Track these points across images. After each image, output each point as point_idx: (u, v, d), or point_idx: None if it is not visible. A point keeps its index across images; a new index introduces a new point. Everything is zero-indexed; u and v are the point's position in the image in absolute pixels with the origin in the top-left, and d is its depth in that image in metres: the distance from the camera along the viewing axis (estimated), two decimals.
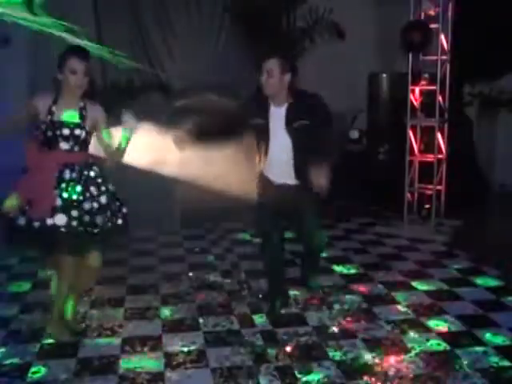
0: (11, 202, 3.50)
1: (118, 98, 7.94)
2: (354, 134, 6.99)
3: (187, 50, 8.28)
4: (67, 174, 3.57)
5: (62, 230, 3.47)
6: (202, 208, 6.61)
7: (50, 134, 3.55)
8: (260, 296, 4.58)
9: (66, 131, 3.56)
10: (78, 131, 3.59)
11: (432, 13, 6.38)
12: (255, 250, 5.78)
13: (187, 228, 6.56)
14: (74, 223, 3.50)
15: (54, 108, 3.60)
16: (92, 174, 3.65)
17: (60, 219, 3.47)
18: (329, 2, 7.73)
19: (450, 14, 6.38)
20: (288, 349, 3.74)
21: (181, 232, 6.47)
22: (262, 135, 3.99)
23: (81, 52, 3.62)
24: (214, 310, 4.37)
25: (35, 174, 3.55)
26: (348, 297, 4.61)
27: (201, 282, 4.99)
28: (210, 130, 4.04)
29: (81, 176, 3.59)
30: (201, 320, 4.19)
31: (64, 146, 3.58)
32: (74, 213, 3.51)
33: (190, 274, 5.16)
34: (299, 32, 8.49)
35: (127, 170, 4.11)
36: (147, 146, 7.57)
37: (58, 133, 3.56)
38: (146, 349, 3.76)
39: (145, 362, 3.58)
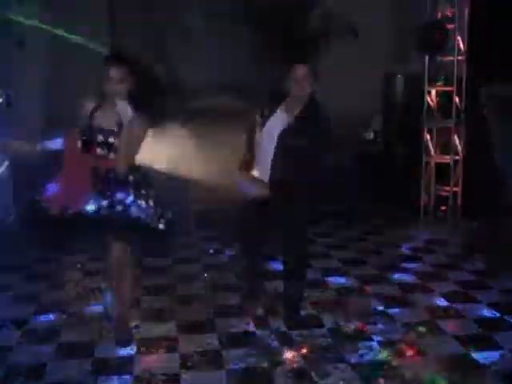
0: None
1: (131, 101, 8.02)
2: (370, 135, 7.01)
3: (202, 52, 8.32)
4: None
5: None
6: (217, 209, 6.68)
7: (88, 138, 3.62)
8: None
9: (100, 137, 3.63)
10: (111, 139, 3.63)
11: (448, 13, 6.38)
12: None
13: (202, 229, 6.58)
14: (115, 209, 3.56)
15: (95, 113, 3.66)
16: (130, 178, 3.66)
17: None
18: (343, 3, 7.73)
19: (466, 14, 6.38)
20: (303, 351, 3.76)
21: (196, 233, 6.49)
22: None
23: (116, 59, 3.67)
24: (230, 312, 4.39)
25: (72, 170, 3.63)
26: (363, 299, 4.62)
27: (215, 283, 5.02)
28: None
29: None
30: (216, 321, 4.22)
31: (99, 151, 3.64)
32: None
33: (205, 275, 5.19)
34: (314, 33, 8.51)
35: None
36: (163, 148, 7.68)
37: (94, 138, 3.62)
38: (161, 350, 3.79)
39: (160, 363, 3.61)
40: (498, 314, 4.34)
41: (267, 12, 7.88)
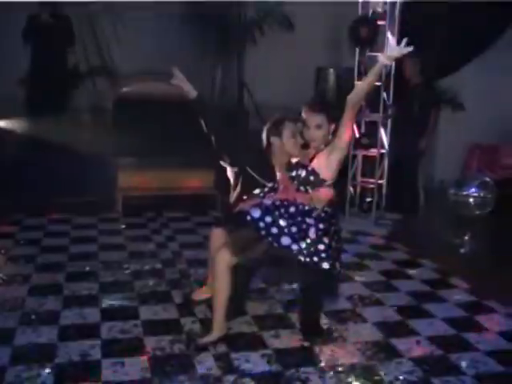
0: None
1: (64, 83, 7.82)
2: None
3: (136, 37, 8.19)
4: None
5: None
6: (145, 196, 6.62)
7: None
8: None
9: None
10: None
11: (380, 10, 6.49)
12: (198, 239, 5.84)
13: (129, 216, 6.51)
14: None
15: None
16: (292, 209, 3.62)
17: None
18: None
19: (397, 11, 6.49)
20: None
21: (122, 220, 6.41)
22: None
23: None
24: (154, 299, 4.36)
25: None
26: (287, 287, 4.66)
27: (141, 270, 4.96)
28: None
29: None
30: (140, 308, 4.18)
31: None
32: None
33: (130, 263, 5.12)
34: (249, 22, 8.53)
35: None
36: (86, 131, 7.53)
37: None
38: (83, 337, 3.72)
39: (82, 350, 3.55)
40: (415, 303, 4.49)
41: None
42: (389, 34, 6.42)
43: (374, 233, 6.37)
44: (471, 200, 7.06)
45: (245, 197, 3.85)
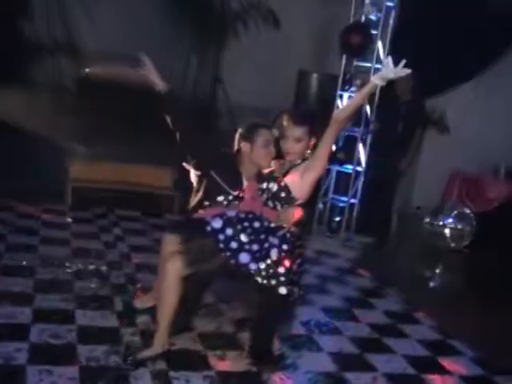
0: None
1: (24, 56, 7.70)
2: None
3: (108, 14, 8.09)
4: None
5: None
6: (97, 189, 6.54)
7: None
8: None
9: None
10: None
11: (373, 17, 6.56)
12: (149, 242, 5.80)
13: (77, 209, 6.44)
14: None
15: None
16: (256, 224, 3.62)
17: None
18: None
19: (391, 21, 6.58)
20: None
21: (69, 213, 6.33)
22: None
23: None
24: (94, 303, 4.29)
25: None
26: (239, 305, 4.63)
27: (83, 270, 4.89)
28: None
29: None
30: (77, 312, 4.11)
31: None
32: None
33: (72, 261, 5.04)
34: (233, 14, 8.51)
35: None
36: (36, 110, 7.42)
37: None
38: (9, 338, 3.64)
39: (6, 353, 3.46)
40: (376, 335, 4.50)
41: None
42: (379, 45, 6.49)
43: (340, 255, 6.41)
44: (447, 231, 7.16)
45: (206, 203, 3.83)
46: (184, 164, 4.01)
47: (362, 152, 6.82)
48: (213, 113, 8.34)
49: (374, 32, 6.58)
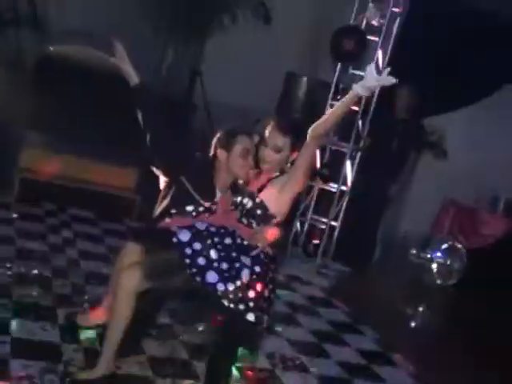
0: None
1: None
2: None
3: None
4: None
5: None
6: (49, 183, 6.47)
7: None
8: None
9: None
10: None
11: (375, 23, 6.60)
12: (102, 249, 5.77)
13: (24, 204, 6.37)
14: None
15: None
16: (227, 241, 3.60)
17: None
18: None
19: (395, 29, 6.66)
20: None
21: (15, 207, 6.27)
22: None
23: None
24: (33, 314, 4.24)
25: None
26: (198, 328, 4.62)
27: (25, 274, 4.83)
28: None
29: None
30: (14, 322, 4.06)
31: None
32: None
33: (13, 263, 4.98)
34: (220, 4, 8.52)
35: None
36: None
37: None
38: None
39: None
40: (346, 376, 4.51)
41: None
42: (379, 55, 6.55)
43: (314, 282, 6.44)
44: (434, 266, 7.22)
45: (173, 211, 3.82)
46: (152, 167, 3.98)
47: (349, 170, 6.87)
48: (188, 109, 8.31)
49: (374, 39, 6.63)
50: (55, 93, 7.09)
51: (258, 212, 3.64)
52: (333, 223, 6.89)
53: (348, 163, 6.83)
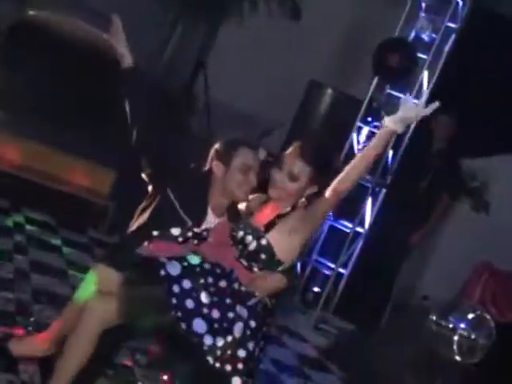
0: None
1: None
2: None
3: None
4: None
5: None
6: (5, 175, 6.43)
7: None
8: None
9: None
10: None
11: (425, 38, 6.60)
12: (60, 262, 5.74)
13: None
14: None
15: None
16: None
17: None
18: None
19: (447, 47, 6.65)
20: None
21: None
22: None
23: None
24: None
25: None
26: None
27: None
28: None
29: None
30: None
31: None
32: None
33: None
34: None
35: None
36: None
37: None
38: None
39: None
40: None
41: None
42: (425, 76, 6.53)
43: (310, 339, 6.39)
44: (456, 338, 7.13)
45: (155, 233, 3.75)
46: (142, 174, 3.92)
47: (369, 208, 6.83)
48: (186, 107, 8.30)
49: (422, 56, 6.61)
50: (27, 66, 7.08)
51: (263, 256, 3.56)
52: (341, 270, 6.83)
53: (369, 201, 6.78)
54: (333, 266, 6.85)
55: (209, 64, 8.41)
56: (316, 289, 7.03)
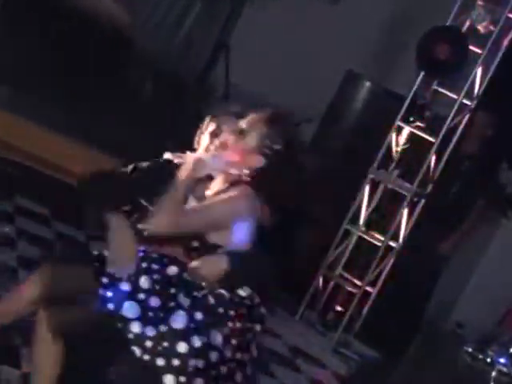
0: None
1: None
2: None
3: None
4: None
5: None
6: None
7: None
8: None
9: None
10: None
11: (481, 29, 6.49)
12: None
13: None
14: None
15: None
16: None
17: None
18: None
19: (506, 42, 6.53)
20: None
21: None
22: None
23: None
24: None
25: None
26: None
27: None
28: None
29: None
30: None
31: None
32: None
33: None
34: None
35: None
36: None
37: None
38: None
39: None
40: None
41: None
42: (478, 73, 6.44)
43: (328, 364, 6.34)
44: (494, 374, 7.10)
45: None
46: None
47: (404, 220, 6.71)
48: (204, 92, 8.26)
49: (476, 50, 6.51)
50: (23, 35, 7.13)
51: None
52: (368, 288, 6.73)
53: (405, 211, 6.67)
54: (359, 283, 6.74)
55: (232, 46, 8.39)
56: (338, 308, 6.93)
